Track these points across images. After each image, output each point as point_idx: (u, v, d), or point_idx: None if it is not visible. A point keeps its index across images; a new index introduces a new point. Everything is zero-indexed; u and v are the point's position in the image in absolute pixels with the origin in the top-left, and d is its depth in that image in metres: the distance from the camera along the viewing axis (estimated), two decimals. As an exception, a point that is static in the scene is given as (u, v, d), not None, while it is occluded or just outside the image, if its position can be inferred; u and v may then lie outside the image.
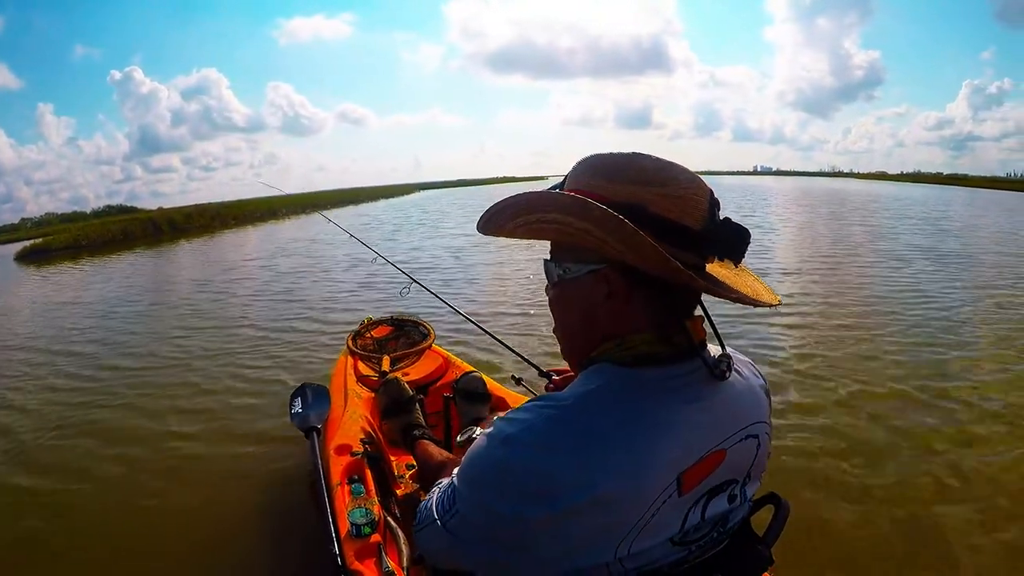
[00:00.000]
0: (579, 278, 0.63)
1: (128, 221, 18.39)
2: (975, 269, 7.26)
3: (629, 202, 0.57)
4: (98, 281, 9.24)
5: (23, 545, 2.21)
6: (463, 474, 0.61)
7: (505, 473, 0.56)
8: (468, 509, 0.59)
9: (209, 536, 2.18)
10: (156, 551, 2.13)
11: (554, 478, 0.54)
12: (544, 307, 0.71)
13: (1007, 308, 5.19)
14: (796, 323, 4.77)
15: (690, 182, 0.59)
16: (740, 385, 0.66)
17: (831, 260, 8.08)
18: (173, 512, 2.34)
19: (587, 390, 0.59)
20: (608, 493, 0.54)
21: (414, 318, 2.74)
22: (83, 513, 2.40)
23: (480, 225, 0.67)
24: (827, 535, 2.04)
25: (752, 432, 0.65)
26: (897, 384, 3.36)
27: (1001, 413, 2.96)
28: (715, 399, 0.61)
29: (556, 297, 0.68)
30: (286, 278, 8.07)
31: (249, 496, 2.44)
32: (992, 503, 2.20)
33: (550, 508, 0.54)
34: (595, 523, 0.54)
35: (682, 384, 0.60)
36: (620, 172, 0.59)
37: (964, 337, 4.32)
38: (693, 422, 0.59)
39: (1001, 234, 11.22)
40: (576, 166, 0.63)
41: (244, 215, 22.13)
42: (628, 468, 0.54)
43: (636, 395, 0.58)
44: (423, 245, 10.81)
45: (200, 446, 2.92)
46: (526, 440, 0.56)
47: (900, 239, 10.35)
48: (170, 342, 5.01)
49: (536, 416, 0.58)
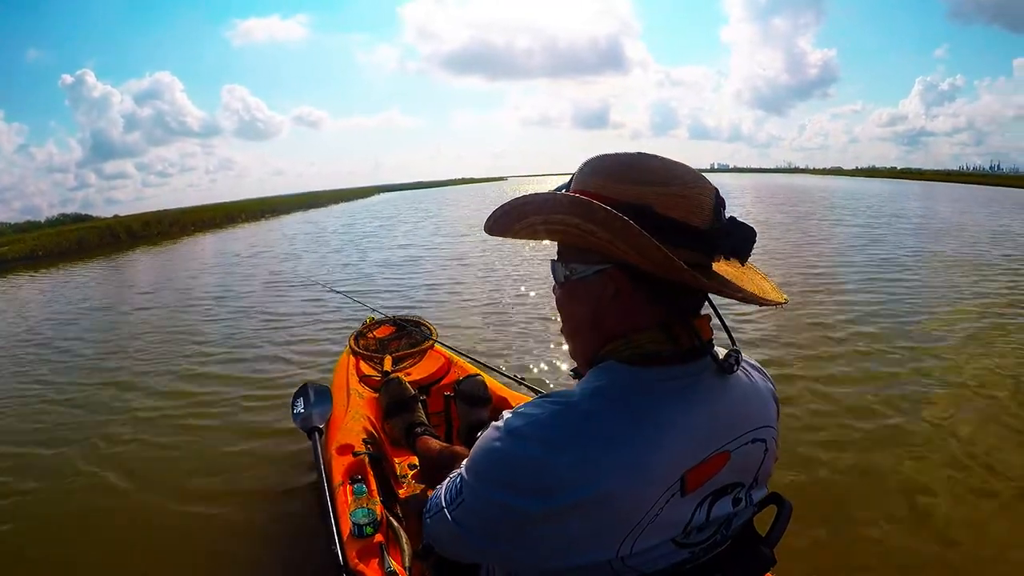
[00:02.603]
0: (585, 278, 0.63)
1: (85, 230, 17.74)
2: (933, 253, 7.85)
3: (634, 202, 0.57)
4: (71, 287, 9.10)
5: (23, 545, 2.22)
6: (471, 465, 0.61)
7: (509, 465, 0.57)
8: (473, 499, 0.60)
9: (211, 537, 2.18)
10: (157, 551, 2.13)
11: (557, 473, 0.54)
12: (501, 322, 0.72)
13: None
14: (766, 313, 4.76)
15: (695, 181, 0.59)
16: (748, 388, 0.66)
17: (795, 248, 8.75)
18: (175, 513, 2.34)
19: (594, 387, 0.60)
20: (611, 490, 0.54)
21: (416, 318, 2.74)
22: (81, 515, 2.40)
23: (487, 226, 0.67)
24: (830, 535, 2.03)
25: (760, 436, 0.65)
26: (889, 380, 3.36)
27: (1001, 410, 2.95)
28: (722, 400, 0.62)
29: (563, 297, 0.68)
30: (292, 267, 8.09)
31: (251, 496, 2.44)
32: (997, 499, 2.19)
33: (551, 503, 0.54)
34: (597, 520, 0.55)
35: (688, 384, 0.60)
36: (625, 172, 0.59)
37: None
38: (698, 422, 0.59)
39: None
40: (582, 167, 0.63)
41: (203, 222, 21.67)
42: (631, 466, 0.54)
43: (642, 393, 0.59)
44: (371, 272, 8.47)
45: (201, 447, 2.93)
46: (531, 434, 0.57)
47: (852, 230, 11.07)
48: (166, 341, 5.02)
49: (543, 411, 0.58)
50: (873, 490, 2.32)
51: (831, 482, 2.38)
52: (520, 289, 6.48)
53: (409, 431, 1.72)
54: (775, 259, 7.78)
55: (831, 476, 2.41)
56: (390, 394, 1.90)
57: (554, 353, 4.09)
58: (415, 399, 1.85)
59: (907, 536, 2.04)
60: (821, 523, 2.07)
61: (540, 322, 4.93)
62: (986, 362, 3.68)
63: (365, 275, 8.04)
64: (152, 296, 7.57)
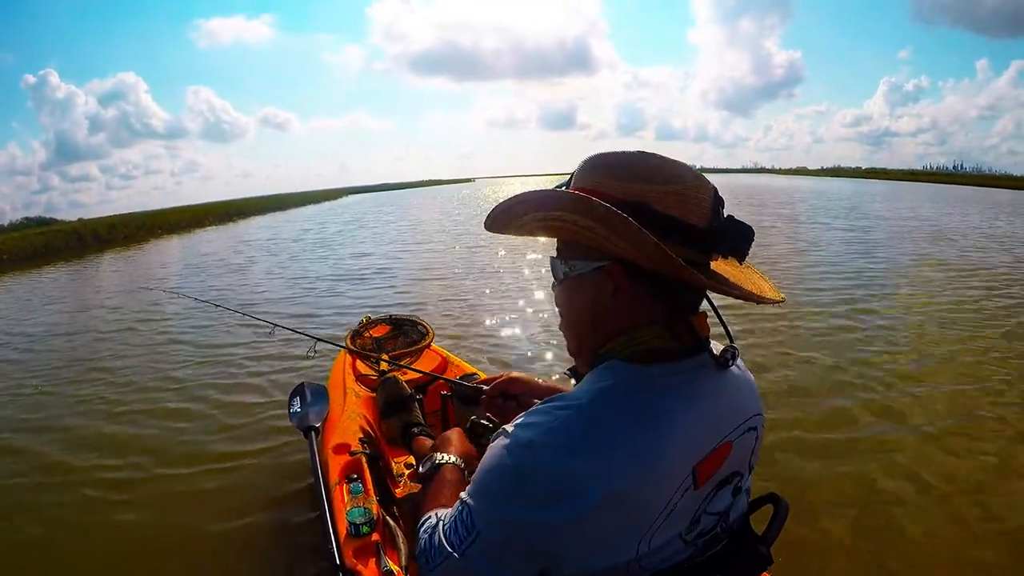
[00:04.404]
0: (585, 275, 0.64)
1: (50, 233, 17.46)
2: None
3: (633, 200, 0.57)
4: (51, 291, 8.95)
5: (23, 548, 2.21)
6: (479, 493, 0.59)
7: (524, 478, 0.56)
8: (490, 527, 0.57)
9: (207, 536, 2.17)
10: (153, 551, 2.12)
11: (577, 478, 0.54)
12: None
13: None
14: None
15: (694, 180, 0.59)
16: (740, 379, 0.67)
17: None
18: (169, 513, 2.33)
19: (600, 388, 0.60)
20: (628, 489, 0.54)
21: (413, 317, 2.74)
22: (75, 516, 2.39)
23: (487, 223, 0.68)
24: (826, 535, 2.04)
25: (752, 424, 0.66)
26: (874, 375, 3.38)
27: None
28: (721, 392, 0.63)
29: (562, 294, 0.68)
30: (286, 264, 8.06)
31: (246, 495, 2.43)
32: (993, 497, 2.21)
33: (575, 509, 0.54)
34: (619, 520, 0.55)
35: (691, 378, 0.61)
36: (625, 170, 0.60)
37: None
38: (702, 415, 0.60)
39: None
40: (582, 164, 0.63)
41: (170, 225, 21.27)
42: (645, 464, 0.55)
43: (648, 391, 0.59)
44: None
45: (197, 446, 2.91)
46: (545, 443, 0.56)
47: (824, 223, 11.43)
48: (161, 340, 4.99)
49: (552, 418, 0.58)
50: (871, 489, 2.33)
51: (826, 478, 2.39)
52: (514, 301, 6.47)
53: (406, 431, 1.72)
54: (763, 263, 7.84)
55: (815, 476, 2.43)
56: (387, 393, 1.90)
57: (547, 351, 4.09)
58: (411, 398, 1.85)
59: (906, 535, 2.05)
60: (813, 523, 2.08)
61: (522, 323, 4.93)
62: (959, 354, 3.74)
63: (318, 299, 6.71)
64: (138, 296, 7.50)
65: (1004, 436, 2.72)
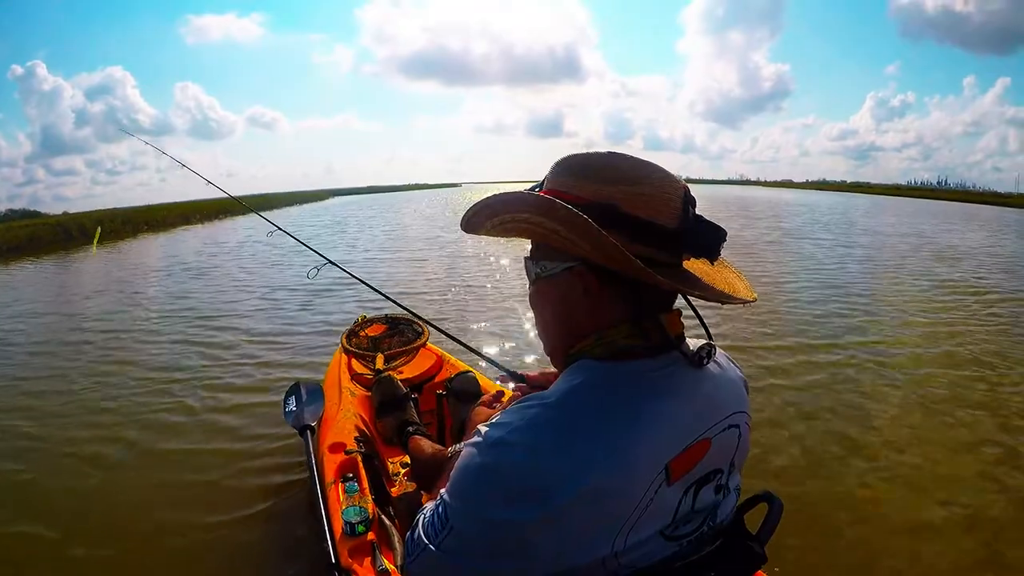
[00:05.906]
0: (555, 276, 0.64)
1: (36, 226, 17.38)
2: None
3: (600, 201, 0.58)
4: (51, 283, 8.97)
5: (19, 542, 2.20)
6: (452, 488, 0.60)
7: (496, 477, 0.56)
8: (462, 523, 0.57)
9: (202, 535, 2.16)
10: (147, 550, 2.11)
11: (543, 476, 0.54)
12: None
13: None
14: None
15: (663, 180, 0.60)
16: (720, 376, 0.67)
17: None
18: (165, 512, 2.32)
19: (569, 386, 0.60)
20: (598, 486, 0.54)
21: (409, 316, 2.73)
22: (73, 514, 2.37)
23: (462, 224, 0.69)
24: (821, 534, 2.05)
25: (734, 422, 0.66)
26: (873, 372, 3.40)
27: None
28: (697, 389, 0.63)
29: (535, 295, 0.69)
30: (270, 272, 8.04)
31: (242, 494, 2.42)
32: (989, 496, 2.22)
33: (543, 508, 0.54)
34: (589, 517, 0.55)
35: (662, 376, 0.61)
36: (593, 171, 0.60)
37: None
38: (675, 412, 0.60)
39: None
40: (554, 166, 0.64)
41: (157, 221, 21.07)
42: (615, 460, 0.55)
43: (617, 388, 0.59)
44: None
45: (192, 445, 2.90)
46: (511, 441, 0.56)
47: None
48: (156, 340, 4.96)
49: (519, 417, 0.58)
50: (870, 488, 2.35)
51: (823, 477, 2.40)
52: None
53: (401, 430, 1.72)
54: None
55: (821, 470, 2.44)
56: (382, 392, 1.90)
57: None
58: (407, 397, 1.85)
59: (903, 534, 2.06)
60: (810, 523, 2.09)
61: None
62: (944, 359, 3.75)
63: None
64: (132, 294, 7.47)
65: (1004, 435, 2.74)
